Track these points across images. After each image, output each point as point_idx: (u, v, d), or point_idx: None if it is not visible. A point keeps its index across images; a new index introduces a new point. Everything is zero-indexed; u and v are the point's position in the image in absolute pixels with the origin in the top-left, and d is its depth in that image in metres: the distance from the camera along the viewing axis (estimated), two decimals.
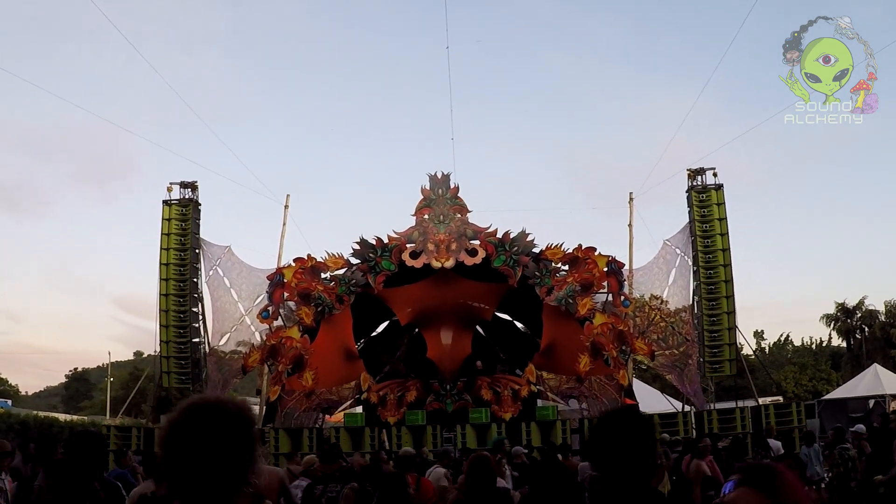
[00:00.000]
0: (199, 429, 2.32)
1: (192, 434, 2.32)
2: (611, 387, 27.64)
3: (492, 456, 7.97)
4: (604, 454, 3.35)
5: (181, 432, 2.33)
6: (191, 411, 2.38)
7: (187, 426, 2.34)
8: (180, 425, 2.35)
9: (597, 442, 3.42)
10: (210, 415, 2.36)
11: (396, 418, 26.34)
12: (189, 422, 2.35)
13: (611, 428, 3.41)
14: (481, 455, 7.47)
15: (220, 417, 2.35)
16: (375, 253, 27.10)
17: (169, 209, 30.02)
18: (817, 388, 55.49)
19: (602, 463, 3.36)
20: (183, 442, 2.31)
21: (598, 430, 3.50)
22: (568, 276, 26.64)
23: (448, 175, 27.76)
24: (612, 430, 3.38)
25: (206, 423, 2.33)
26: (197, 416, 2.36)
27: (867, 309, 63.17)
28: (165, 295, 29.43)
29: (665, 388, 35.91)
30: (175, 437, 2.34)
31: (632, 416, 3.48)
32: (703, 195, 28.78)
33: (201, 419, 2.34)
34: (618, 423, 3.43)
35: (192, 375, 29.33)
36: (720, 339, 27.81)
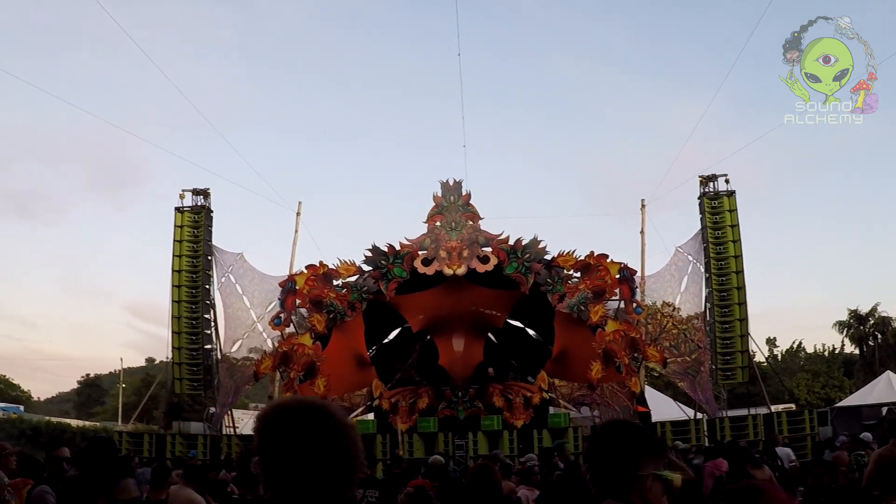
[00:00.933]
0: (312, 430, 2.21)
1: (304, 434, 2.20)
2: (623, 394, 27.61)
3: (493, 464, 7.95)
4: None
5: (290, 430, 2.21)
6: (297, 411, 2.26)
7: (297, 425, 2.22)
8: (287, 423, 2.23)
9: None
10: (323, 417, 2.25)
11: (408, 425, 26.31)
12: (300, 421, 2.23)
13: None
14: (484, 463, 7.47)
15: (330, 420, 2.25)
16: (387, 260, 27.10)
17: (181, 216, 30.10)
18: (830, 396, 55.26)
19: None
20: (294, 441, 2.20)
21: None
22: (580, 283, 26.59)
23: (460, 182, 27.77)
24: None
25: (320, 424, 2.23)
26: (309, 417, 2.24)
27: (880, 316, 62.88)
28: (178, 302, 29.49)
29: (677, 396, 35.82)
30: (281, 435, 2.22)
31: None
32: (715, 202, 28.73)
33: (316, 420, 2.23)
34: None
35: (204, 382, 29.37)
36: (732, 346, 27.73)
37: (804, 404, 48.54)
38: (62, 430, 43.45)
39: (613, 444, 3.08)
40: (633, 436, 3.11)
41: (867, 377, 51.51)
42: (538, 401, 26.88)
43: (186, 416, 36.56)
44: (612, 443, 3.09)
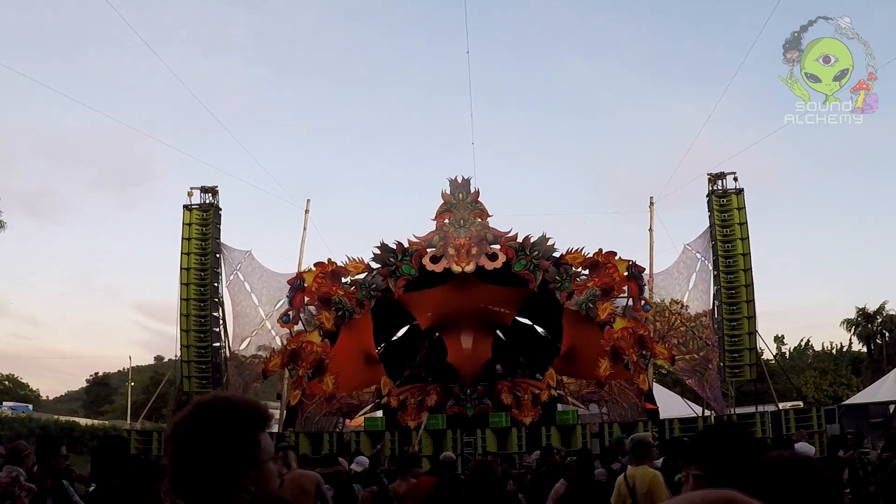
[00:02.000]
0: (195, 425, 2.29)
1: (189, 430, 2.29)
2: (631, 391, 27.59)
3: (494, 461, 7.99)
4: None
5: (181, 428, 2.30)
6: (196, 408, 2.35)
7: (188, 422, 2.31)
8: (182, 421, 2.32)
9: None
10: (209, 412, 2.32)
11: (417, 422, 26.37)
12: (190, 418, 2.32)
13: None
14: (484, 460, 7.51)
15: (217, 415, 2.31)
16: (396, 257, 27.15)
17: (190, 214, 30.12)
18: (837, 393, 55.18)
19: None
20: (181, 438, 2.29)
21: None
22: (588, 280, 26.61)
23: (468, 179, 27.82)
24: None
25: (202, 419, 2.30)
26: (198, 413, 2.32)
27: (888, 314, 62.86)
28: (186, 299, 29.52)
29: (685, 393, 35.81)
30: (175, 432, 2.31)
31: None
32: (724, 199, 28.69)
33: (199, 416, 2.31)
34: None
35: (212, 380, 29.38)
36: (740, 343, 27.69)
37: (812, 402, 48.52)
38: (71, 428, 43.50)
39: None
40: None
41: (875, 375, 51.46)
42: (546, 398, 26.93)
43: None
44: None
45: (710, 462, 3.34)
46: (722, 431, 3.52)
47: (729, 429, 3.56)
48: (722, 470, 3.24)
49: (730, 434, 3.44)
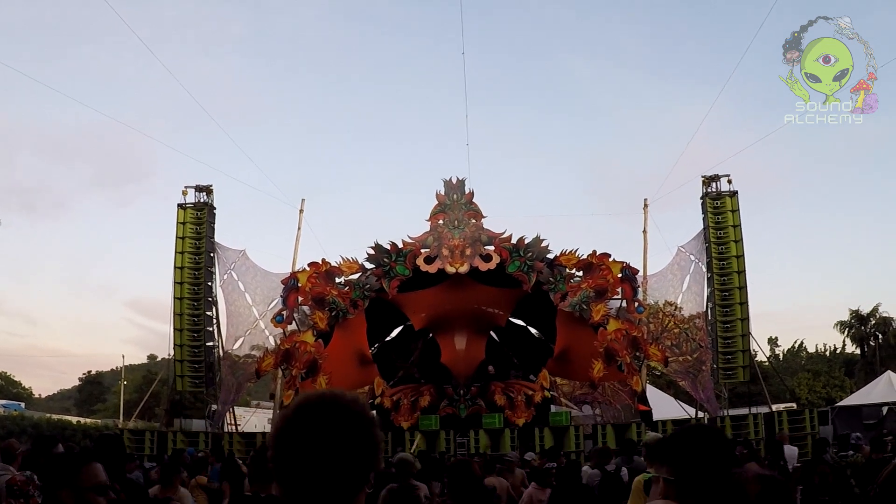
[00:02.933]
0: (325, 424, 2.16)
1: (316, 429, 2.15)
2: (624, 393, 27.64)
3: (473, 461, 7.96)
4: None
5: (303, 427, 2.17)
6: (316, 405, 2.22)
7: (311, 421, 2.17)
8: (301, 420, 2.18)
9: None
10: (337, 411, 2.20)
11: (410, 423, 26.36)
12: (316, 415, 2.18)
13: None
14: (463, 460, 7.49)
15: (345, 413, 2.20)
16: (390, 258, 27.13)
17: (184, 213, 30.09)
18: (831, 395, 55.24)
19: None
20: (306, 438, 2.15)
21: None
22: (582, 281, 26.63)
23: (463, 180, 27.83)
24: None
25: (333, 418, 2.18)
26: (323, 410, 2.19)
27: (881, 316, 62.93)
28: (180, 298, 29.48)
29: (679, 395, 35.85)
30: (295, 432, 2.17)
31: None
32: (718, 202, 28.75)
33: (330, 414, 2.18)
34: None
35: (205, 379, 29.38)
36: (734, 345, 27.75)
37: (805, 404, 48.50)
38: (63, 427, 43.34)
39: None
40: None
41: (868, 377, 51.54)
42: (540, 399, 26.92)
43: (188, 413, 36.58)
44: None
45: (680, 466, 3.32)
46: (692, 435, 3.46)
47: (699, 432, 3.51)
48: (691, 474, 3.24)
49: (699, 438, 3.39)
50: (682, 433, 3.54)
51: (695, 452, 3.28)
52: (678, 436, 3.54)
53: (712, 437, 3.39)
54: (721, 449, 3.34)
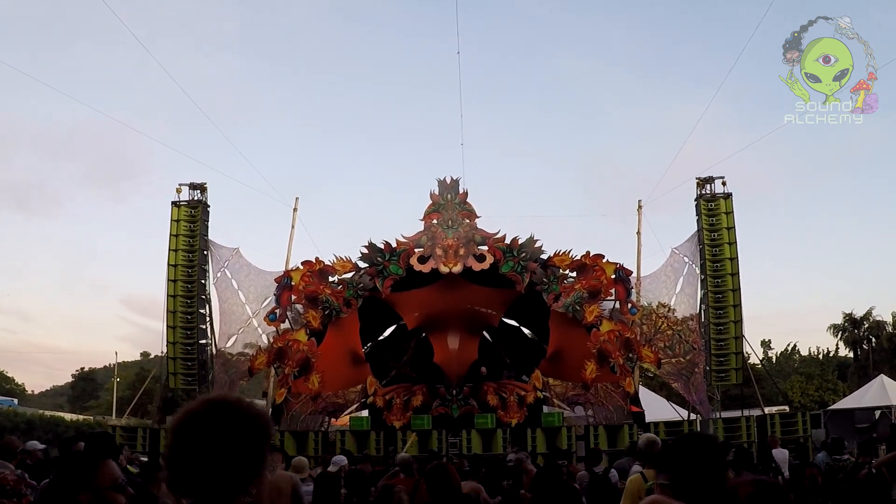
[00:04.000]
0: (215, 423, 2.23)
1: (207, 427, 2.23)
2: (617, 394, 27.65)
3: (450, 464, 7.98)
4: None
5: (195, 424, 2.25)
6: (211, 405, 2.29)
7: (204, 419, 2.25)
8: (196, 417, 2.26)
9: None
10: (229, 412, 2.27)
11: (402, 423, 26.37)
12: (207, 415, 2.26)
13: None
14: (440, 463, 7.50)
15: (238, 417, 2.26)
16: (384, 257, 27.11)
17: (178, 210, 30.00)
18: (824, 398, 55.33)
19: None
20: (195, 434, 2.23)
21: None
22: (576, 282, 26.61)
23: (457, 180, 27.80)
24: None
25: (224, 419, 2.24)
26: (216, 411, 2.27)
27: (875, 320, 63.09)
28: (173, 296, 29.41)
29: (671, 397, 35.85)
30: (188, 427, 2.25)
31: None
32: (712, 204, 28.73)
33: (220, 415, 2.25)
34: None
35: (198, 377, 29.30)
36: (727, 347, 27.73)
37: (798, 406, 48.58)
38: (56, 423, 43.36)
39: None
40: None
41: (861, 380, 51.67)
42: (532, 400, 26.95)
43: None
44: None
45: (677, 472, 3.40)
46: (688, 442, 3.55)
47: (695, 440, 3.60)
48: (687, 480, 3.32)
49: (695, 445, 3.48)
50: (679, 441, 3.65)
51: (691, 460, 3.38)
52: (676, 444, 3.64)
53: (708, 445, 3.50)
54: (716, 456, 3.45)
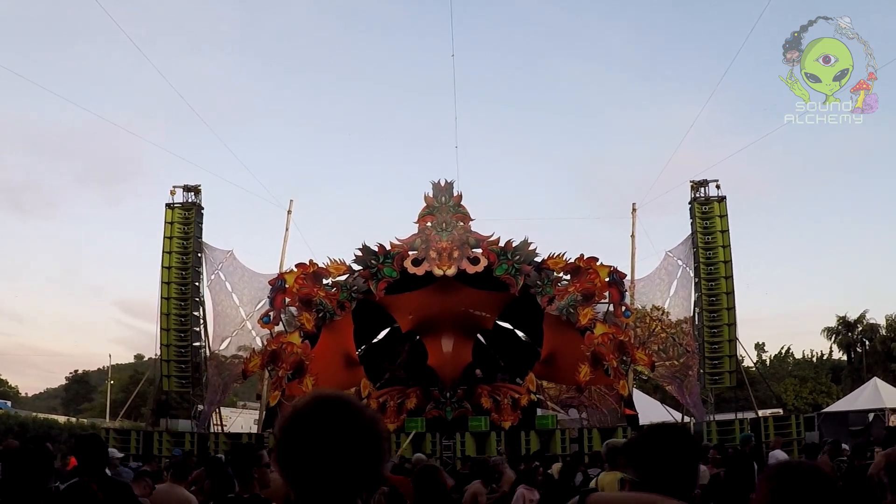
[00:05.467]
0: (340, 424, 2.17)
1: (330, 428, 2.16)
2: (611, 397, 27.66)
3: (440, 467, 8.01)
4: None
5: (317, 424, 2.17)
6: (328, 404, 2.22)
7: (325, 419, 2.18)
8: (315, 417, 2.18)
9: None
10: (352, 413, 2.20)
11: (396, 425, 26.34)
12: (328, 415, 2.19)
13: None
14: (429, 466, 7.51)
15: (359, 418, 2.21)
16: (377, 259, 27.11)
17: (172, 212, 29.94)
18: (817, 401, 55.42)
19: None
20: (318, 434, 2.15)
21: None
22: (569, 285, 26.64)
23: (451, 183, 27.82)
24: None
25: (348, 419, 2.18)
26: (338, 411, 2.20)
27: (868, 323, 63.11)
28: (167, 298, 29.33)
29: (665, 399, 35.85)
30: (308, 428, 2.17)
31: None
32: (706, 207, 28.73)
33: (344, 415, 2.19)
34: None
35: (192, 379, 29.24)
36: (721, 350, 27.73)
37: (791, 409, 48.64)
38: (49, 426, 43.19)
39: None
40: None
41: (854, 383, 51.66)
42: (526, 402, 26.95)
43: (174, 413, 36.47)
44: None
45: (644, 467, 3.22)
46: (656, 436, 3.32)
47: (662, 433, 3.36)
48: (655, 475, 3.15)
49: (663, 439, 3.26)
50: (645, 434, 3.41)
51: (658, 454, 3.17)
52: (642, 437, 3.41)
53: (676, 438, 3.27)
54: (685, 447, 3.23)
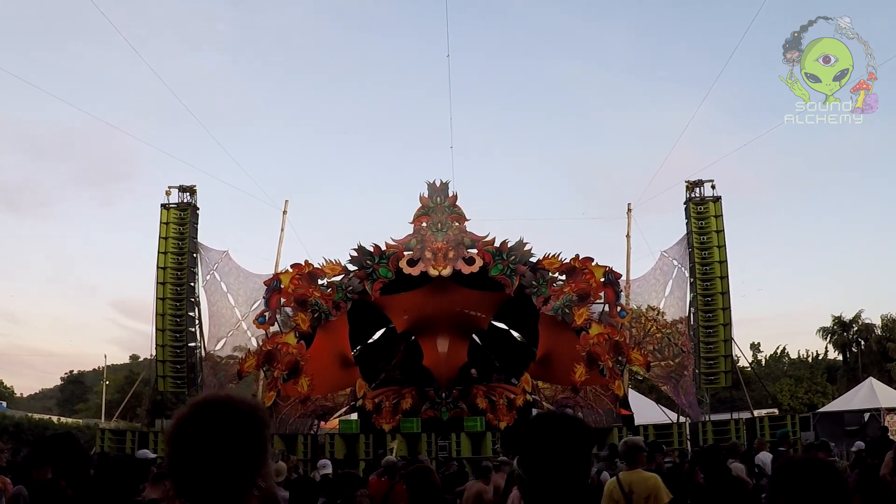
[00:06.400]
0: (208, 426, 2.22)
1: (200, 431, 2.22)
2: (606, 397, 27.63)
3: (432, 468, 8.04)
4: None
5: (190, 429, 2.24)
6: (201, 408, 2.28)
7: (196, 423, 2.24)
8: (189, 422, 2.25)
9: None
10: (220, 412, 2.26)
11: (391, 426, 26.35)
12: (199, 418, 2.25)
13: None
14: (421, 467, 7.51)
15: (230, 415, 2.26)
16: (373, 260, 27.11)
17: (167, 213, 29.93)
18: (813, 401, 55.41)
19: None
20: (191, 439, 2.22)
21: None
22: (565, 285, 26.65)
23: (447, 183, 27.84)
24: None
25: (216, 420, 2.24)
26: (207, 413, 2.26)
27: (863, 322, 63.17)
28: (162, 299, 29.33)
29: (661, 399, 35.87)
30: (183, 433, 2.24)
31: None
32: (701, 207, 28.76)
33: (211, 416, 2.25)
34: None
35: (187, 380, 29.23)
36: (716, 350, 27.75)
37: (787, 409, 48.67)
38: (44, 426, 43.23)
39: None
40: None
41: (850, 383, 51.75)
42: (521, 402, 26.96)
43: (170, 413, 36.32)
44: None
45: (526, 462, 2.72)
46: (537, 425, 2.79)
47: (547, 422, 2.79)
48: (538, 471, 2.69)
49: (548, 429, 2.72)
50: (525, 424, 2.85)
51: (538, 445, 2.67)
52: (521, 427, 2.84)
53: (563, 427, 2.70)
54: (573, 438, 2.67)
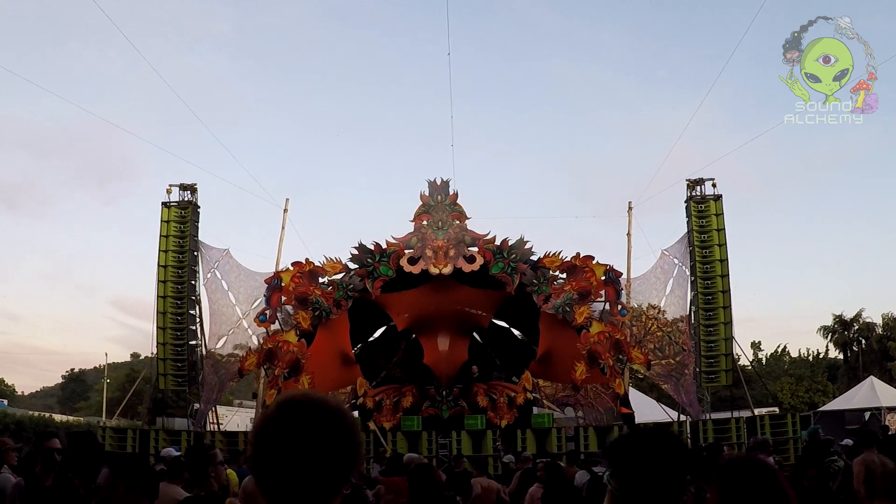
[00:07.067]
0: (307, 425, 2.16)
1: (298, 430, 2.15)
2: (607, 395, 27.66)
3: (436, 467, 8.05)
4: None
5: (286, 426, 2.17)
6: (296, 406, 2.21)
7: (293, 421, 2.17)
8: (284, 419, 2.18)
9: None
10: (319, 412, 2.19)
11: (392, 424, 26.35)
12: (295, 416, 2.18)
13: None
14: (423, 464, 7.52)
15: (327, 415, 2.19)
16: (374, 258, 27.09)
17: (168, 211, 29.91)
18: (813, 400, 55.52)
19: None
20: (287, 437, 2.15)
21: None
22: (566, 284, 26.62)
23: (447, 181, 27.80)
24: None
25: (315, 419, 2.17)
26: (305, 411, 2.19)
27: (864, 321, 63.28)
28: (163, 297, 29.32)
29: (661, 398, 35.90)
30: (277, 431, 2.17)
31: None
32: (702, 205, 28.74)
33: (310, 415, 2.18)
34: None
35: (188, 378, 29.23)
36: (717, 349, 27.75)
37: (787, 408, 48.71)
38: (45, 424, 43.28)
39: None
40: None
41: (851, 382, 51.84)
42: (522, 401, 26.93)
43: (171, 412, 36.41)
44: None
45: (622, 476, 2.86)
46: (637, 442, 2.92)
47: (646, 439, 2.92)
48: (634, 486, 2.80)
49: (644, 445, 2.86)
50: (625, 439, 3.03)
51: (637, 462, 2.80)
52: (621, 442, 3.02)
53: (665, 445, 2.86)
54: (674, 459, 2.82)
